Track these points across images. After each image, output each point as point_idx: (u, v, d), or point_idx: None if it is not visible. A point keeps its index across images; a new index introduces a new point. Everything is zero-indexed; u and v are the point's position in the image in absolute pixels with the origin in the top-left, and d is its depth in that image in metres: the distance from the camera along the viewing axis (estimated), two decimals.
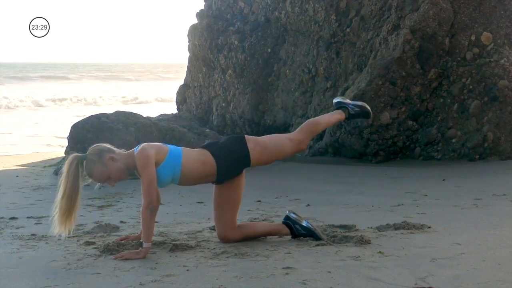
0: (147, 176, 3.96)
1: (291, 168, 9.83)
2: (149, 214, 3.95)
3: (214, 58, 14.17)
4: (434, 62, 10.10)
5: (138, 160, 4.00)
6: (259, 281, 3.36)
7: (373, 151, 10.09)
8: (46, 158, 11.70)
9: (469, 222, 4.92)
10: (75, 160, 4.03)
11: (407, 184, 7.78)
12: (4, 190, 7.97)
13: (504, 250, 3.92)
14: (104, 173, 4.06)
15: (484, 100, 9.61)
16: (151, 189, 3.96)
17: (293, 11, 12.71)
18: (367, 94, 10.08)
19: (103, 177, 4.07)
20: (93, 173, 4.06)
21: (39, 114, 23.96)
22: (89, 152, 4.09)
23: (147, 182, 3.96)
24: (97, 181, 4.11)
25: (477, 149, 9.39)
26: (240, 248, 4.08)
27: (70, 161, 4.03)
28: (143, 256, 3.90)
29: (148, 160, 3.98)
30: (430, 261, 3.68)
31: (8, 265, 3.83)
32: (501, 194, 6.47)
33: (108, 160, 4.04)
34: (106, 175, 4.06)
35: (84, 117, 10.25)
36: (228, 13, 14.25)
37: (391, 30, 10.47)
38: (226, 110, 14.05)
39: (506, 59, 9.76)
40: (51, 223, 4.04)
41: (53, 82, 45.73)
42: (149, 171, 3.97)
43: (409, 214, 5.40)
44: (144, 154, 4.00)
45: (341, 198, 6.89)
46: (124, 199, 7.16)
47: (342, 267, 3.58)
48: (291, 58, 12.95)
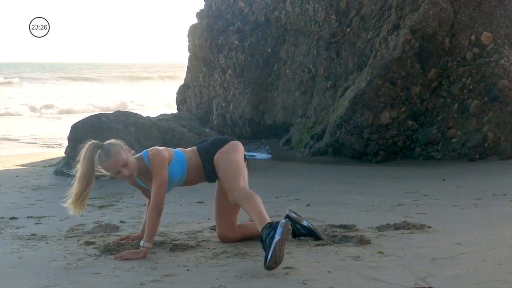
0: (161, 177, 4.01)
1: (291, 168, 9.83)
2: (156, 215, 3.98)
3: (214, 58, 14.17)
4: (434, 62, 10.10)
5: (155, 161, 4.03)
6: (259, 281, 3.36)
7: (373, 151, 10.09)
8: (46, 158, 11.71)
9: (469, 222, 4.92)
10: (92, 146, 4.06)
11: (407, 184, 7.78)
12: (4, 190, 7.97)
13: (504, 250, 3.92)
14: (122, 159, 4.00)
15: (484, 100, 9.61)
16: (162, 190, 4.01)
17: (293, 11, 12.71)
18: (367, 94, 10.09)
19: (119, 164, 4.00)
20: (111, 158, 3.99)
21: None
22: (106, 142, 4.11)
23: (160, 183, 4.00)
24: (111, 168, 4.03)
25: (477, 149, 9.39)
26: (240, 248, 4.09)
27: (87, 146, 4.06)
28: (143, 256, 3.90)
29: (165, 162, 4.05)
30: (430, 261, 3.68)
31: (8, 265, 3.83)
32: (501, 194, 6.47)
33: (127, 150, 4.09)
34: (124, 161, 4.01)
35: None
36: (228, 13, 14.26)
37: (391, 30, 10.47)
38: (226, 110, 14.05)
39: (506, 59, 9.76)
40: (67, 206, 4.05)
41: (85, 83, 44.74)
42: (164, 172, 4.03)
43: (409, 214, 5.40)
44: (162, 155, 4.05)
45: (341, 198, 6.89)
46: (124, 199, 7.16)
47: (342, 267, 3.58)
48: (291, 58, 12.95)
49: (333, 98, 11.71)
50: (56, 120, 22.11)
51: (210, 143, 4.31)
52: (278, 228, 3.52)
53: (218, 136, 4.55)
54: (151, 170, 4.06)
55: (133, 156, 4.14)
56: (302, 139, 11.80)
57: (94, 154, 4.05)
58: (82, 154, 4.05)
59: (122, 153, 4.04)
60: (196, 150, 4.29)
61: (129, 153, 4.11)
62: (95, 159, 4.04)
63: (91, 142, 4.10)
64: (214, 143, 4.29)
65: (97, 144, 4.08)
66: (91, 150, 4.05)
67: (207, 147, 4.27)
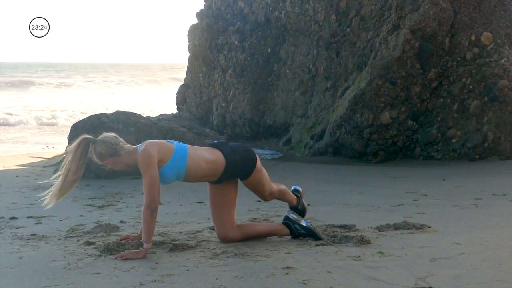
0: (149, 176, 3.94)
1: (291, 168, 9.82)
2: (150, 214, 3.92)
3: (214, 58, 14.17)
4: (434, 62, 10.10)
5: (140, 160, 3.99)
6: (259, 281, 3.36)
7: (373, 151, 10.09)
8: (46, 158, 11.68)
9: (469, 222, 4.91)
10: (84, 141, 4.08)
11: (407, 184, 7.77)
12: (4, 190, 7.97)
13: (504, 250, 3.92)
14: (112, 159, 4.08)
15: (484, 100, 9.61)
16: (153, 189, 3.93)
17: (293, 11, 12.71)
18: (367, 94, 10.09)
19: (109, 162, 4.10)
20: (102, 156, 4.08)
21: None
22: (98, 142, 4.11)
23: (149, 183, 3.94)
24: (102, 163, 4.13)
25: (477, 149, 9.39)
26: (240, 248, 4.08)
27: (79, 141, 4.07)
28: (143, 256, 3.90)
29: (150, 160, 3.96)
30: (430, 261, 3.68)
31: (8, 265, 3.83)
32: (501, 194, 6.47)
33: (120, 145, 4.09)
34: (113, 160, 4.08)
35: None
36: (228, 13, 14.26)
37: (391, 30, 10.47)
38: (226, 110, 14.04)
39: (506, 59, 9.76)
40: (46, 195, 4.09)
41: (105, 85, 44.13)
42: (151, 172, 3.95)
43: (409, 214, 5.40)
44: (146, 154, 3.98)
45: (341, 198, 6.89)
46: (124, 199, 7.15)
47: (342, 267, 3.58)
48: (291, 58, 12.95)
49: (333, 98, 11.71)
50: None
51: (241, 155, 4.27)
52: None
53: (243, 145, 4.54)
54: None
55: (127, 150, 4.11)
56: (302, 139, 11.81)
57: (85, 150, 4.06)
58: (74, 147, 4.06)
59: (113, 151, 4.05)
60: (217, 152, 4.21)
61: (123, 147, 4.10)
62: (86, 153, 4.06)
63: (83, 137, 4.10)
64: (244, 151, 4.32)
65: (89, 140, 4.08)
66: (83, 145, 4.06)
67: (239, 159, 4.23)
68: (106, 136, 4.12)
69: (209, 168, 4.14)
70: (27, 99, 31.52)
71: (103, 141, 4.09)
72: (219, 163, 4.16)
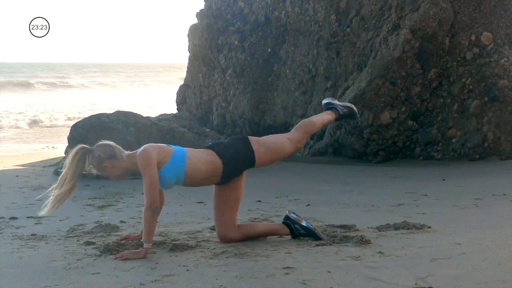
0: (148, 176, 3.97)
1: (291, 168, 9.82)
2: (150, 215, 3.94)
3: (214, 58, 14.17)
4: (434, 62, 10.10)
5: (139, 160, 4.02)
6: (259, 281, 3.36)
7: (373, 151, 10.09)
8: (46, 158, 11.71)
9: (469, 222, 4.91)
10: (81, 151, 4.10)
11: (407, 184, 7.77)
12: (4, 190, 7.97)
13: (504, 250, 3.92)
14: (107, 169, 4.12)
15: (484, 100, 9.61)
16: (152, 190, 3.96)
17: (293, 11, 12.71)
18: (367, 94, 10.09)
19: (106, 171, 4.14)
20: (98, 167, 4.12)
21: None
22: (96, 147, 4.12)
23: (148, 183, 3.96)
24: (100, 172, 4.18)
25: (477, 149, 9.39)
26: (240, 248, 4.08)
27: (76, 151, 4.08)
28: (143, 256, 3.90)
29: (149, 161, 3.99)
30: (430, 261, 3.68)
31: (8, 265, 3.83)
32: (501, 194, 6.47)
33: (117, 153, 4.11)
34: (108, 171, 4.13)
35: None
36: (228, 13, 14.26)
37: (391, 30, 10.47)
38: (226, 110, 14.04)
39: (506, 59, 9.76)
40: (43, 205, 4.11)
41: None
42: (150, 172, 3.97)
43: (409, 214, 5.40)
44: (146, 155, 4.02)
45: (341, 198, 6.89)
46: (124, 199, 7.16)
47: (342, 267, 3.58)
48: (291, 58, 12.95)
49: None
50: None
51: (231, 143, 4.28)
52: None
53: (234, 137, 4.53)
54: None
55: (125, 156, 4.13)
56: None
57: (82, 161, 4.09)
58: (70, 158, 4.09)
59: (112, 153, 4.08)
60: (212, 152, 4.21)
61: (122, 151, 4.14)
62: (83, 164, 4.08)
63: (80, 147, 4.12)
64: (236, 142, 4.29)
65: (86, 151, 4.10)
66: (80, 156, 4.09)
67: (233, 152, 4.21)
68: (103, 141, 4.16)
69: (207, 169, 4.15)
70: (27, 99, 31.52)
71: (102, 144, 4.13)
72: (216, 163, 4.18)
